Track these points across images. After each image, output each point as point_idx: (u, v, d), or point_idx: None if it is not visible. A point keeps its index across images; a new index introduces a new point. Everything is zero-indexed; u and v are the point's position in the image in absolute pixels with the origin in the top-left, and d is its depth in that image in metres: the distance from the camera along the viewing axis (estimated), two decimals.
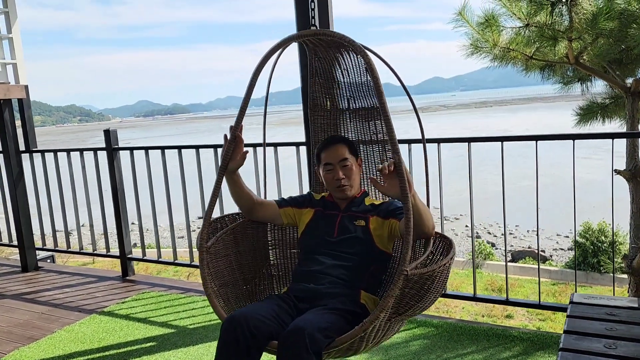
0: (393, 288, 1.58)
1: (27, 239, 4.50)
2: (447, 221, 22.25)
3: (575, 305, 1.45)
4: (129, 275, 4.17)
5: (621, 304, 1.40)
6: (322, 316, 1.76)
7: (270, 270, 2.35)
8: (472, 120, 66.37)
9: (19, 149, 4.44)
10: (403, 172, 1.63)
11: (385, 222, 2.09)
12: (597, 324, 1.33)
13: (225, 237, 2.11)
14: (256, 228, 2.29)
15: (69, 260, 11.97)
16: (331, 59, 2.32)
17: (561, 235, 19.78)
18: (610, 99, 5.18)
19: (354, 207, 2.17)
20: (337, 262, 2.03)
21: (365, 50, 1.80)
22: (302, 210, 2.25)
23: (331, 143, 2.18)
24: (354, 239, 2.08)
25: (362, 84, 2.33)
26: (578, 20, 3.77)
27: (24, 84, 4.35)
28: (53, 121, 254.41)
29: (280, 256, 2.39)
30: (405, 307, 1.72)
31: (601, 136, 2.58)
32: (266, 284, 2.32)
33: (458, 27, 4.38)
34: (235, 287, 2.11)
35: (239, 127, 1.97)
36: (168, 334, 3.07)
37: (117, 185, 4.02)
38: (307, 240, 2.19)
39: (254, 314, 1.72)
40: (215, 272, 2.01)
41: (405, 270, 1.58)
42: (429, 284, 1.72)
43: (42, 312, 3.52)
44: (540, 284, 3.04)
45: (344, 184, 2.13)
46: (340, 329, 1.70)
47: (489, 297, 3.28)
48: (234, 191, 2.11)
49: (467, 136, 2.82)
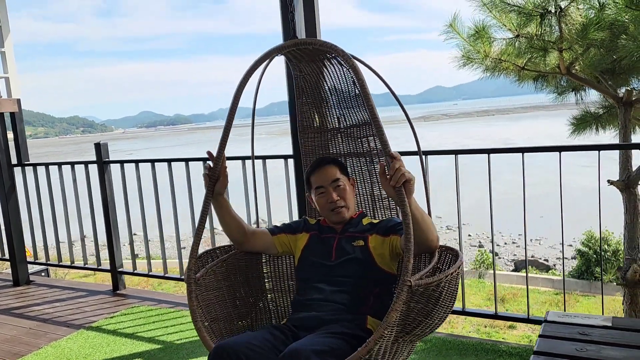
0: (397, 301, 1.45)
1: (18, 253, 4.48)
2: (449, 230, 22.20)
3: (548, 324, 1.43)
4: (119, 289, 4.14)
5: (595, 323, 1.37)
6: (322, 339, 1.62)
7: (268, 305, 2.21)
8: (474, 129, 66.39)
9: (10, 162, 4.43)
10: (399, 177, 1.56)
11: (386, 239, 1.96)
12: (569, 344, 1.30)
13: (216, 269, 1.97)
14: (249, 259, 2.16)
15: (70, 273, 11.95)
16: (317, 73, 2.25)
17: (564, 244, 19.67)
18: (603, 108, 5.17)
19: (351, 228, 2.05)
20: (337, 287, 1.90)
21: (352, 59, 1.74)
22: (297, 236, 2.13)
23: (320, 165, 2.07)
24: (352, 260, 1.95)
25: (352, 97, 2.26)
26: (568, 30, 3.77)
27: (16, 98, 4.35)
28: (56, 132, 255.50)
29: (278, 288, 2.24)
30: (412, 324, 1.59)
31: (587, 148, 2.56)
32: (264, 319, 2.17)
33: (449, 38, 4.38)
34: (229, 322, 1.97)
35: (224, 146, 1.86)
36: (154, 350, 3.04)
37: (107, 199, 4.01)
38: (304, 267, 2.06)
39: (244, 343, 1.59)
40: (206, 306, 1.87)
41: (408, 281, 1.45)
42: (437, 296, 1.60)
43: (30, 328, 3.49)
44: (543, 293, 3.02)
45: (339, 205, 2.01)
46: (342, 354, 1.52)
47: (478, 311, 3.25)
48: (221, 217, 1.97)
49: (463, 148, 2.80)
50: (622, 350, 1.26)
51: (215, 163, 1.87)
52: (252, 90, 2.13)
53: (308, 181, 2.11)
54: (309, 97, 2.34)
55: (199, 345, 3.04)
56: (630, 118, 4.46)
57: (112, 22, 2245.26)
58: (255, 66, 1.86)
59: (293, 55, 2.14)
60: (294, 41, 1.88)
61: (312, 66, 2.20)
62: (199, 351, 2.97)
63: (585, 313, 1.52)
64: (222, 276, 2.00)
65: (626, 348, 1.27)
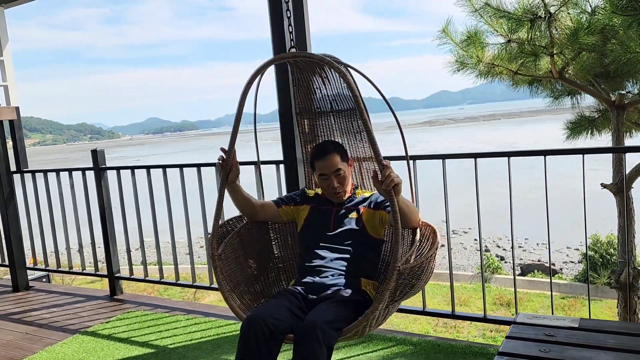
0: (388, 282, 1.81)
1: (18, 259, 4.54)
2: (455, 234, 22.14)
3: (516, 326, 1.44)
4: (117, 295, 4.18)
5: (562, 324, 1.39)
6: (330, 310, 1.97)
7: (276, 263, 2.58)
8: (480, 133, 66.24)
9: (10, 169, 4.50)
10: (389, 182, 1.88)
11: (376, 213, 2.31)
12: (533, 345, 1.32)
13: (232, 241, 2.32)
14: (259, 228, 2.51)
15: (76, 279, 12.00)
16: (309, 81, 2.50)
17: (571, 248, 19.56)
18: (598, 112, 5.16)
19: (346, 202, 2.39)
20: (336, 254, 2.26)
21: (347, 74, 1.98)
22: (299, 207, 2.47)
23: (324, 153, 2.34)
24: (349, 231, 2.31)
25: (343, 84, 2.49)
26: (558, 35, 3.79)
27: (14, 106, 4.42)
28: (64, 139, 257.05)
29: (284, 249, 2.61)
30: (399, 295, 1.94)
31: (572, 152, 2.58)
32: (274, 276, 2.54)
33: (442, 43, 4.41)
34: (248, 285, 2.32)
35: (234, 143, 2.17)
36: (147, 354, 3.07)
37: (104, 205, 4.06)
38: (306, 236, 2.41)
39: (270, 314, 1.91)
40: (228, 275, 2.21)
41: (398, 267, 1.81)
42: (419, 273, 1.96)
43: (26, 332, 3.54)
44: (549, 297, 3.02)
45: (339, 191, 2.35)
46: (346, 318, 1.94)
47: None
48: (236, 200, 2.33)
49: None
50: (586, 350, 1.28)
51: (227, 156, 2.19)
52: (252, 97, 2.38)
53: (312, 164, 2.40)
54: (303, 86, 2.59)
55: (191, 349, 3.08)
56: (623, 121, 4.46)
57: (118, 30, 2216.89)
58: (257, 73, 2.11)
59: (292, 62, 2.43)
60: (292, 54, 2.19)
61: (305, 74, 2.45)
62: (190, 355, 3.00)
63: (555, 315, 1.54)
64: (238, 246, 2.35)
65: (589, 349, 1.29)
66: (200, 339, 3.22)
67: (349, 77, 1.97)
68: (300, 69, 2.52)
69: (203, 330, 3.35)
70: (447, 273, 3.16)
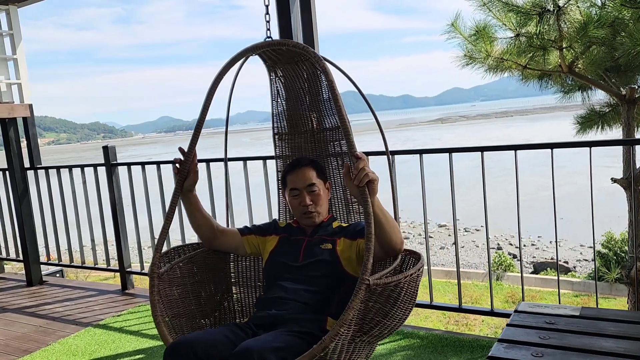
0: (354, 299, 1.43)
1: (31, 254, 4.61)
2: (467, 232, 22.04)
3: (517, 314, 1.45)
4: (128, 289, 4.24)
5: (564, 313, 1.40)
6: (277, 337, 1.62)
7: (233, 304, 2.19)
8: (493, 130, 65.80)
9: (23, 166, 4.57)
10: (362, 176, 1.57)
11: (353, 243, 1.96)
12: (533, 332, 1.32)
13: (182, 266, 1.96)
14: (217, 258, 2.14)
15: (90, 275, 12.14)
16: (292, 76, 2.25)
17: (585, 246, 19.38)
18: (609, 107, 5.12)
19: (320, 231, 2.05)
20: (301, 286, 1.88)
21: (324, 60, 1.76)
22: (266, 238, 2.12)
23: (297, 166, 2.05)
24: (319, 262, 1.94)
25: (327, 99, 2.26)
26: (567, 29, 3.77)
27: (28, 103, 4.49)
28: (78, 138, 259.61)
29: (244, 288, 2.23)
30: (370, 323, 1.57)
31: (579, 144, 2.57)
32: (228, 318, 2.16)
33: (451, 38, 4.40)
34: (191, 319, 1.94)
35: (195, 143, 1.90)
36: (157, 347, 3.12)
37: (115, 200, 4.11)
38: (271, 267, 2.04)
39: (201, 339, 1.58)
40: (169, 302, 1.85)
41: (367, 280, 1.43)
42: (395, 296, 1.58)
43: (40, 325, 3.60)
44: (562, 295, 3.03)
45: (311, 211, 2.01)
46: (298, 351, 1.49)
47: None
48: (191, 214, 1.98)
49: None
50: (585, 337, 1.29)
51: (185, 159, 1.89)
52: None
53: (284, 180, 2.12)
54: (284, 99, 2.34)
55: None
56: (633, 115, 4.42)
57: (131, 29, 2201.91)
58: (228, 65, 1.88)
59: (269, 56, 2.16)
60: (267, 42, 1.90)
61: (287, 68, 2.21)
62: None
63: (556, 304, 1.55)
64: (188, 273, 1.99)
65: (589, 336, 1.30)
66: None
67: (323, 63, 1.71)
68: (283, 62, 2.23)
69: None
70: (456, 270, 3.17)
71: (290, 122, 2.38)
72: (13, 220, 4.76)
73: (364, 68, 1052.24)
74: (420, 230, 20.31)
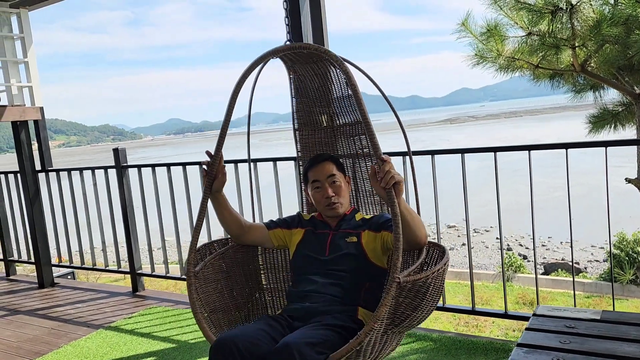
0: (386, 296, 1.53)
1: (43, 256, 4.63)
2: (477, 233, 21.93)
3: (536, 318, 1.42)
4: (139, 291, 4.25)
5: (584, 316, 1.37)
6: (314, 331, 1.69)
7: (264, 295, 2.31)
8: (502, 130, 65.46)
9: (35, 169, 4.59)
10: (389, 179, 1.64)
11: (377, 235, 2.04)
12: (553, 336, 1.30)
13: (214, 262, 2.06)
14: (246, 252, 2.25)
15: (101, 276, 12.21)
16: (311, 74, 2.31)
17: (596, 247, 19.22)
18: (622, 106, 5.05)
19: (344, 224, 2.13)
20: (330, 280, 1.97)
21: (345, 63, 1.80)
22: (292, 231, 2.21)
23: (318, 161, 2.16)
24: (346, 256, 2.02)
25: (345, 97, 2.33)
26: (580, 27, 3.72)
27: (39, 106, 4.51)
28: (88, 141, 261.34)
29: (273, 280, 2.34)
30: (400, 317, 1.67)
31: (594, 144, 2.53)
32: (259, 309, 2.27)
33: (462, 37, 4.36)
34: (227, 313, 2.05)
35: (221, 146, 1.97)
36: (169, 349, 3.11)
37: (126, 202, 4.12)
38: (298, 261, 2.13)
39: (243, 336, 1.66)
40: (205, 298, 1.95)
41: (397, 278, 1.54)
42: (424, 291, 1.67)
43: (52, 328, 3.61)
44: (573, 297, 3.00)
45: (334, 202, 2.10)
46: (334, 345, 1.62)
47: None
48: (220, 214, 2.07)
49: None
50: (607, 342, 1.26)
51: (212, 162, 1.94)
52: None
53: (305, 175, 2.20)
54: (304, 96, 2.40)
55: None
56: None
57: (140, 32, 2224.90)
58: (252, 67, 1.93)
59: (289, 57, 2.20)
60: (289, 45, 1.96)
61: (306, 67, 2.25)
62: None
63: (576, 307, 1.51)
64: (220, 269, 2.09)
65: (611, 340, 1.27)
66: None
67: (345, 66, 1.77)
68: (301, 62, 2.29)
69: None
70: (467, 272, 3.14)
71: (308, 118, 2.45)
72: (25, 223, 4.78)
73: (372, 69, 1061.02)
74: (429, 232, 20.20)
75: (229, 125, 1.96)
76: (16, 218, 4.97)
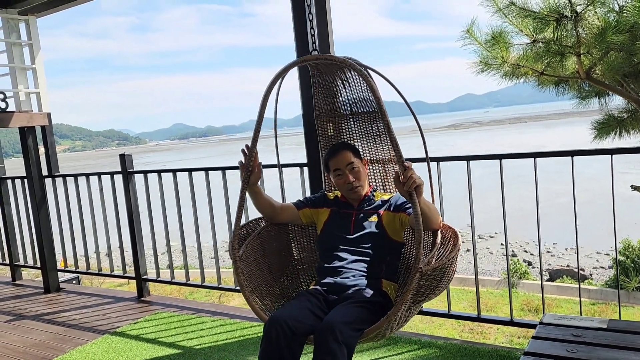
0: (410, 284, 1.81)
1: (49, 261, 4.65)
2: (481, 239, 21.85)
3: (543, 326, 1.42)
4: (144, 296, 4.26)
5: (591, 325, 1.37)
6: (350, 310, 1.97)
7: (296, 265, 2.60)
8: (507, 136, 65.33)
9: (42, 174, 4.62)
10: (411, 183, 1.86)
11: (396, 215, 2.31)
12: (560, 345, 1.30)
13: (252, 243, 2.34)
14: (278, 230, 2.54)
15: (105, 281, 12.22)
16: (330, 84, 2.57)
17: (601, 253, 19.12)
18: (627, 112, 5.04)
19: (366, 204, 2.40)
20: (356, 257, 2.27)
21: (369, 77, 2.00)
22: (319, 210, 2.49)
23: (337, 150, 2.41)
24: (369, 234, 2.30)
25: (364, 89, 2.55)
26: (585, 35, 3.73)
27: (46, 112, 4.54)
28: (93, 146, 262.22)
29: (303, 251, 2.63)
30: (422, 296, 1.94)
31: (600, 152, 2.53)
32: (293, 278, 2.57)
33: (467, 44, 4.37)
34: (268, 287, 2.35)
35: (255, 144, 2.21)
36: (174, 355, 3.12)
37: (132, 208, 4.13)
38: (326, 238, 2.41)
39: (291, 316, 1.93)
40: (249, 276, 2.23)
41: (420, 268, 1.81)
42: (441, 274, 1.95)
43: (57, 333, 3.62)
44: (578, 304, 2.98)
45: (355, 186, 2.37)
46: (367, 320, 1.94)
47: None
48: (257, 202, 2.37)
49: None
50: (614, 351, 1.26)
51: (248, 158, 2.21)
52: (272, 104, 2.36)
53: (326, 165, 2.46)
54: (324, 88, 2.64)
55: (217, 350, 3.11)
56: None
57: (145, 37, 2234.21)
58: (281, 74, 2.14)
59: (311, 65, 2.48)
60: (316, 56, 2.17)
61: (326, 70, 2.48)
62: (216, 356, 3.03)
63: (583, 316, 1.51)
64: (258, 248, 2.38)
65: (618, 349, 1.27)
66: (226, 340, 3.25)
67: (370, 79, 1.97)
68: (322, 72, 2.57)
69: (229, 332, 3.39)
70: (472, 278, 3.15)
71: (326, 112, 2.73)
72: (31, 228, 4.81)
73: None
74: None
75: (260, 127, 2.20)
76: (23, 223, 5.00)
